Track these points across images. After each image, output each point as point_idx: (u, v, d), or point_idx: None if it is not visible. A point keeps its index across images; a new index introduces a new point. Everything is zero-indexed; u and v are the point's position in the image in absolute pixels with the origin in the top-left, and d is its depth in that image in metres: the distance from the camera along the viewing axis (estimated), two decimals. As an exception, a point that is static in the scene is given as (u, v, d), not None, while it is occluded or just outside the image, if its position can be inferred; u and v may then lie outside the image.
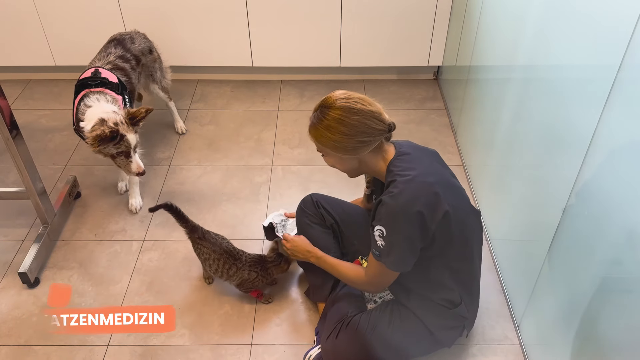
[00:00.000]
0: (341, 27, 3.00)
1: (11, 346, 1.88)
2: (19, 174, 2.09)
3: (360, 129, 1.49)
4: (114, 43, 2.47)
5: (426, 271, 1.60)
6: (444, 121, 2.96)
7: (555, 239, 1.58)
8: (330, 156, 1.60)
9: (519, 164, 1.91)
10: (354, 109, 1.49)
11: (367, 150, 1.53)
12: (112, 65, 2.35)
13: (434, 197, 1.48)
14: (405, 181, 1.48)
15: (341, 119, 1.49)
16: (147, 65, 2.59)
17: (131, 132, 2.05)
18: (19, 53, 3.16)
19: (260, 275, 1.92)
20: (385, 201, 1.49)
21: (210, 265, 1.95)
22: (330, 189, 2.26)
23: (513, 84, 1.97)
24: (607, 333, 1.34)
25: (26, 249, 2.16)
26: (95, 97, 2.13)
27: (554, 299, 1.62)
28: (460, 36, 2.74)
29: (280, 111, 3.07)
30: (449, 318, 1.66)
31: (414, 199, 1.46)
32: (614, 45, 1.25)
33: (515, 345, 1.87)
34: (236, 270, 1.90)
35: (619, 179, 1.28)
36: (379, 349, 1.66)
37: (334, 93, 1.55)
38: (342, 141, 1.50)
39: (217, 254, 1.91)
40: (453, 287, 1.63)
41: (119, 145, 2.02)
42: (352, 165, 1.60)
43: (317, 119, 1.54)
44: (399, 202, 1.47)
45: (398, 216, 1.48)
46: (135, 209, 2.41)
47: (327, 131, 1.51)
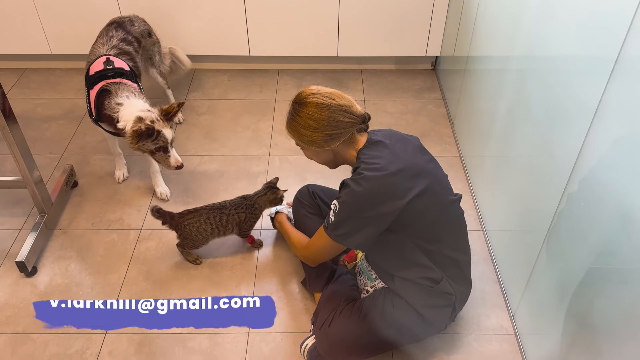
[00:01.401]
0: (339, 16, 2.99)
1: (9, 334, 1.89)
2: (16, 162, 2.09)
3: (328, 122, 1.56)
4: (114, 26, 2.46)
5: (399, 252, 1.65)
6: (441, 111, 2.96)
7: (551, 229, 1.59)
8: (306, 150, 1.69)
9: (516, 155, 1.92)
10: (322, 104, 1.56)
11: (338, 142, 1.60)
12: (118, 49, 2.34)
13: (393, 188, 1.53)
14: (369, 168, 1.54)
15: (310, 114, 1.57)
16: (147, 49, 2.58)
17: (167, 127, 2.09)
18: (14, 41, 3.13)
19: (249, 213, 2.03)
20: (346, 182, 1.58)
21: (204, 230, 2.02)
22: (327, 179, 2.26)
23: (511, 75, 1.97)
24: (602, 322, 1.35)
25: (23, 238, 2.16)
26: (120, 91, 2.14)
27: (549, 289, 1.64)
28: (458, 26, 2.73)
29: (278, 101, 3.06)
30: (434, 296, 1.67)
31: (372, 187, 1.53)
32: (612, 36, 1.25)
33: (511, 335, 1.88)
34: (227, 218, 2.00)
35: (615, 169, 1.28)
36: (372, 336, 1.68)
37: (306, 89, 1.62)
38: (312, 135, 1.59)
39: (204, 215, 2.01)
40: (429, 265, 1.65)
41: (156, 141, 2.06)
42: (327, 157, 1.68)
43: (290, 116, 1.63)
44: (358, 187, 1.53)
45: (354, 199, 1.55)
46: (165, 196, 2.43)
47: (299, 126, 1.60)
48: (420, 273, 1.65)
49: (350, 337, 1.68)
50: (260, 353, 1.83)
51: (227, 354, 1.83)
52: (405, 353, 1.82)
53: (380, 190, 1.53)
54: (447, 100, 3.00)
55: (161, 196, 2.43)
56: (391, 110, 2.97)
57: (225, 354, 1.83)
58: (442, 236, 1.67)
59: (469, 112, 2.56)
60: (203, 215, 2.01)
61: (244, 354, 1.83)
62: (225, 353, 1.83)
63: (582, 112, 1.38)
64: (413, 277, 1.66)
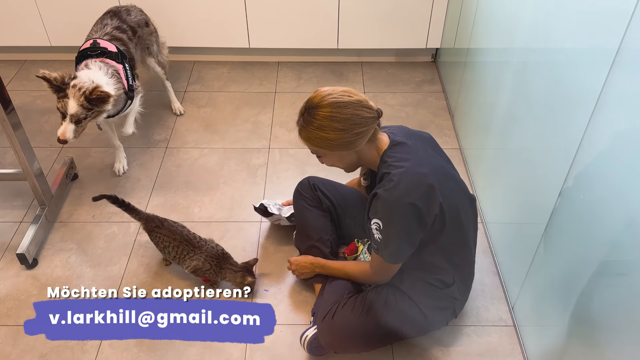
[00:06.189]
0: (339, 8, 2.98)
1: (10, 326, 1.90)
2: (16, 155, 2.09)
3: (354, 120, 1.47)
4: (109, 15, 2.46)
5: (419, 254, 1.62)
6: (441, 104, 2.96)
7: (550, 222, 1.59)
8: (328, 156, 1.58)
9: (516, 147, 1.92)
10: (343, 102, 1.47)
11: (365, 141, 1.52)
12: (110, 36, 2.35)
13: (429, 189, 1.48)
14: (400, 173, 1.47)
15: (333, 116, 1.46)
16: (144, 38, 2.57)
17: (76, 101, 2.02)
18: (13, 33, 3.12)
19: (213, 270, 1.93)
20: (380, 194, 1.49)
21: (168, 252, 1.96)
22: (327, 171, 2.26)
23: (511, 67, 1.96)
24: (601, 314, 1.36)
25: (24, 231, 2.16)
26: (98, 65, 2.15)
27: (549, 281, 1.64)
28: (458, 18, 2.72)
29: (278, 93, 3.06)
30: (440, 299, 1.68)
31: (408, 192, 1.46)
32: (613, 27, 1.25)
33: (510, 327, 1.89)
34: (192, 256, 1.92)
35: (615, 161, 1.28)
36: (374, 330, 1.68)
37: (318, 92, 1.51)
38: (338, 138, 1.48)
39: (176, 241, 1.94)
40: (447, 268, 1.65)
41: (59, 100, 2.04)
42: (351, 160, 1.59)
43: (306, 122, 1.51)
44: (394, 195, 1.46)
45: (393, 209, 1.48)
46: (118, 172, 2.50)
47: (320, 131, 1.48)
48: (436, 275, 1.65)
49: (352, 329, 1.69)
50: (261, 344, 1.84)
51: (228, 344, 1.84)
52: (405, 344, 1.82)
53: (417, 193, 1.46)
54: (447, 92, 2.99)
55: (114, 171, 2.50)
56: (391, 102, 2.96)
57: (225, 345, 1.83)
58: (468, 237, 1.67)
59: (469, 105, 2.56)
60: (176, 240, 1.94)
61: (244, 345, 1.84)
62: (226, 344, 1.84)
63: (582, 104, 1.38)
64: (427, 277, 1.66)
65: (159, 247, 2.00)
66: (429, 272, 1.66)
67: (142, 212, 2.02)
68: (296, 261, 1.92)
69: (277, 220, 2.19)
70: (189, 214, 2.32)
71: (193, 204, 2.37)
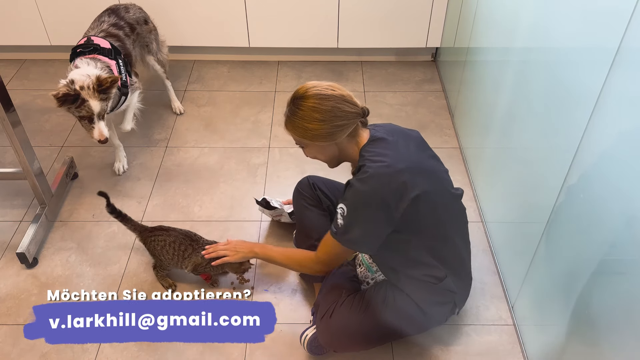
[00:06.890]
0: (339, 7, 2.97)
1: (10, 325, 1.90)
2: (16, 154, 2.09)
3: (334, 113, 1.53)
4: (107, 12, 2.47)
5: (404, 252, 1.64)
6: (441, 103, 2.96)
7: (550, 221, 1.59)
8: (310, 147, 1.64)
9: (516, 147, 1.92)
10: (326, 95, 1.53)
11: (344, 135, 1.57)
12: (105, 33, 2.35)
13: (401, 185, 1.51)
14: (375, 167, 1.52)
15: (315, 107, 1.53)
16: (143, 35, 2.57)
17: (95, 98, 2.02)
18: (13, 32, 3.12)
19: (213, 264, 1.91)
20: (352, 183, 1.55)
21: (166, 252, 1.94)
22: (327, 171, 2.25)
23: (511, 66, 1.96)
24: (601, 313, 1.36)
25: (24, 230, 2.16)
26: (86, 62, 2.14)
27: (548, 280, 1.64)
28: (458, 17, 2.72)
29: (278, 92, 3.06)
30: (437, 293, 1.68)
31: (380, 185, 1.50)
32: (613, 26, 1.25)
33: (509, 326, 1.89)
34: (191, 252, 1.91)
35: (615, 161, 1.28)
36: (373, 328, 1.68)
37: (303, 86, 1.58)
38: (317, 128, 1.54)
39: (171, 237, 1.93)
40: (435, 264, 1.66)
41: (80, 109, 2.03)
42: (332, 153, 1.63)
43: (291, 112, 1.58)
44: (365, 186, 1.51)
45: (361, 200, 1.53)
46: (118, 171, 2.50)
47: (303, 121, 1.55)
48: (425, 271, 1.66)
49: (351, 328, 1.69)
50: (261, 343, 1.84)
51: (228, 343, 1.84)
52: (405, 343, 1.83)
53: (388, 188, 1.50)
54: (447, 91, 2.99)
55: (114, 169, 2.50)
56: (391, 101, 2.96)
57: (225, 344, 1.83)
58: (449, 233, 1.68)
59: (469, 104, 2.56)
60: (171, 236, 1.94)
61: (244, 344, 1.84)
62: (226, 343, 1.84)
63: (582, 104, 1.38)
64: (417, 274, 1.67)
65: (156, 252, 1.97)
66: (419, 269, 1.66)
67: (137, 223, 2.02)
68: (231, 241, 1.91)
69: (278, 215, 2.19)
70: (189, 213, 2.32)
71: (193, 203, 2.37)
